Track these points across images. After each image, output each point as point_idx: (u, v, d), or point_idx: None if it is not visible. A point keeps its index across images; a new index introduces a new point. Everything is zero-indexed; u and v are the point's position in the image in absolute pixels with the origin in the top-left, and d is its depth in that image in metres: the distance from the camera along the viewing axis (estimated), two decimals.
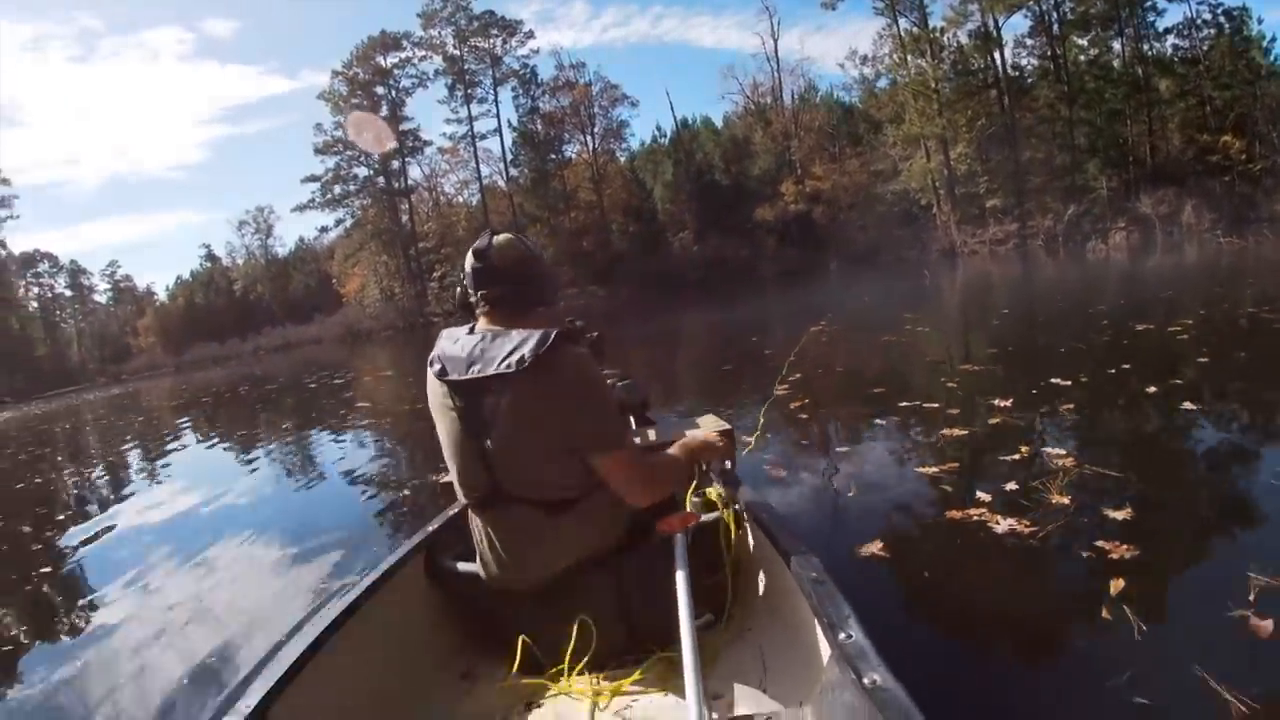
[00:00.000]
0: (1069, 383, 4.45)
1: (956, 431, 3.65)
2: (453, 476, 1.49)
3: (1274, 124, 31.80)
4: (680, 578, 1.35)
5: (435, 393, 1.44)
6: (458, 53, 38.11)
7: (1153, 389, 4.10)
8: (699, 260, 32.91)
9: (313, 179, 40.15)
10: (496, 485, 1.39)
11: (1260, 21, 33.16)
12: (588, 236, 35.04)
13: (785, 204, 32.97)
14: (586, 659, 1.39)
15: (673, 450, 1.65)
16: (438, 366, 1.41)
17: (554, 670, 1.41)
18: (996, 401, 4.12)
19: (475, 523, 1.50)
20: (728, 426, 2.06)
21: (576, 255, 34.15)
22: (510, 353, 1.31)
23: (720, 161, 36.72)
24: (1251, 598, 1.79)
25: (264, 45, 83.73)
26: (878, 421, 4.17)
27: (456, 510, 1.80)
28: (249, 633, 2.47)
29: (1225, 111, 32.42)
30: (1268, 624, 1.66)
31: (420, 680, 1.54)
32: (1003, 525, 2.42)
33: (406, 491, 4.13)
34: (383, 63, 39.59)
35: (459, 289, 1.52)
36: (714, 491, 1.75)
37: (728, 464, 2.02)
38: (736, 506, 1.71)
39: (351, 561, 3.04)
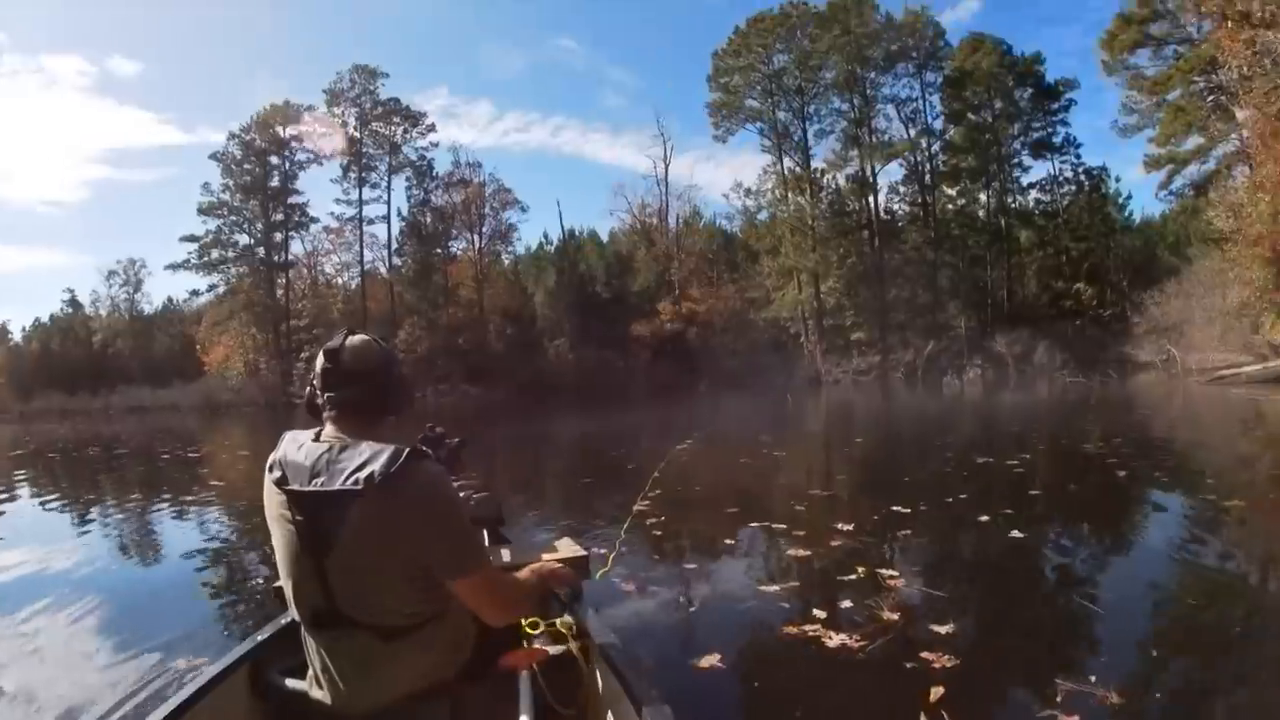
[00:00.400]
0: (909, 510, 4.79)
1: (800, 552, 3.89)
2: (286, 591, 1.36)
3: (1125, 274, 35.00)
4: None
5: (273, 500, 1.33)
6: (357, 135, 37.91)
7: (984, 518, 4.50)
8: (574, 368, 32.91)
9: (191, 239, 38.60)
10: (332, 606, 1.28)
11: (1118, 180, 36.97)
12: (465, 334, 34.60)
13: (662, 322, 33.74)
14: None
15: (525, 574, 1.56)
16: (278, 473, 1.30)
17: None
18: (840, 525, 4.39)
19: (307, 642, 1.38)
20: (584, 553, 1.98)
21: (452, 351, 33.56)
22: (359, 467, 1.23)
23: (603, 274, 37.43)
24: (1059, 699, 2.06)
25: (165, 92, 79.35)
26: (728, 541, 4.32)
27: (288, 620, 1.64)
28: None
29: (1080, 261, 35.51)
30: None
31: None
32: (835, 640, 2.60)
33: (249, 584, 3.88)
34: (281, 133, 38.98)
35: (309, 388, 1.40)
36: (563, 623, 1.65)
37: (577, 593, 1.93)
38: (586, 640, 1.64)
39: (175, 656, 2.74)
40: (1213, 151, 29.09)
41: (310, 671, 1.40)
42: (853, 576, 3.39)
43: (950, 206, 36.81)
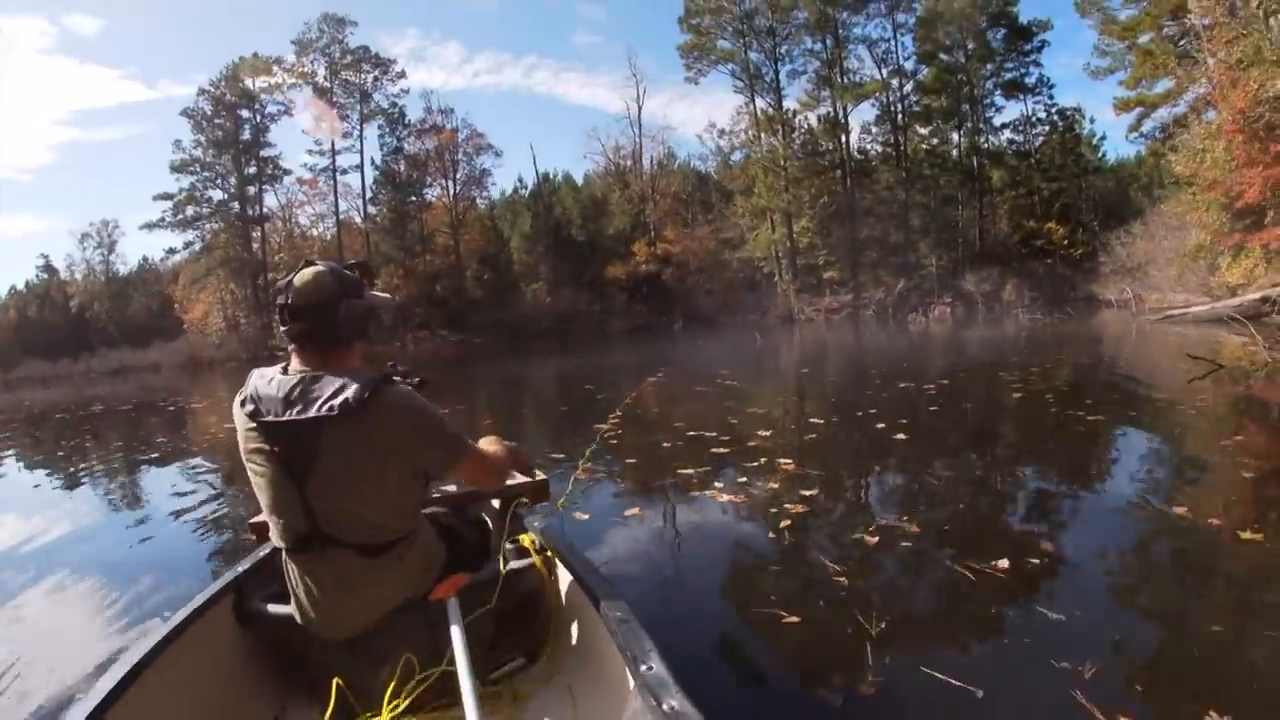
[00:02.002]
0: (821, 421, 5.93)
1: (720, 450, 4.80)
2: (268, 519, 1.42)
3: (1096, 214, 35.49)
4: (456, 638, 1.36)
5: (247, 434, 1.37)
6: (328, 85, 37.53)
7: (881, 425, 5.37)
8: (551, 311, 33.25)
9: (165, 197, 38.20)
10: (314, 527, 1.35)
11: (1093, 121, 36.97)
12: (442, 280, 34.80)
13: (637, 263, 33.95)
14: (402, 702, 1.36)
15: (499, 449, 1.70)
16: (250, 407, 1.35)
17: (368, 714, 1.37)
18: (760, 432, 5.40)
19: (290, 566, 1.44)
20: (543, 478, 2.11)
21: (430, 298, 33.79)
22: (331, 395, 1.29)
23: (578, 218, 37.54)
24: (872, 528, 2.94)
25: (126, 48, 77.65)
26: (665, 445, 5.19)
27: (268, 551, 1.74)
28: (43, 679, 2.25)
29: (1052, 201, 35.86)
30: (874, 539, 2.81)
31: None
32: (724, 498, 3.62)
33: (244, 528, 3.99)
34: (251, 86, 38.54)
35: None
36: (527, 538, 1.77)
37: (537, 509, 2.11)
38: (547, 552, 1.75)
39: (169, 601, 2.82)
40: (1183, 96, 29.28)
41: (293, 597, 1.46)
42: (754, 464, 4.33)
43: (923, 146, 36.91)
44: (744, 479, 3.95)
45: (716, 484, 3.86)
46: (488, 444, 1.69)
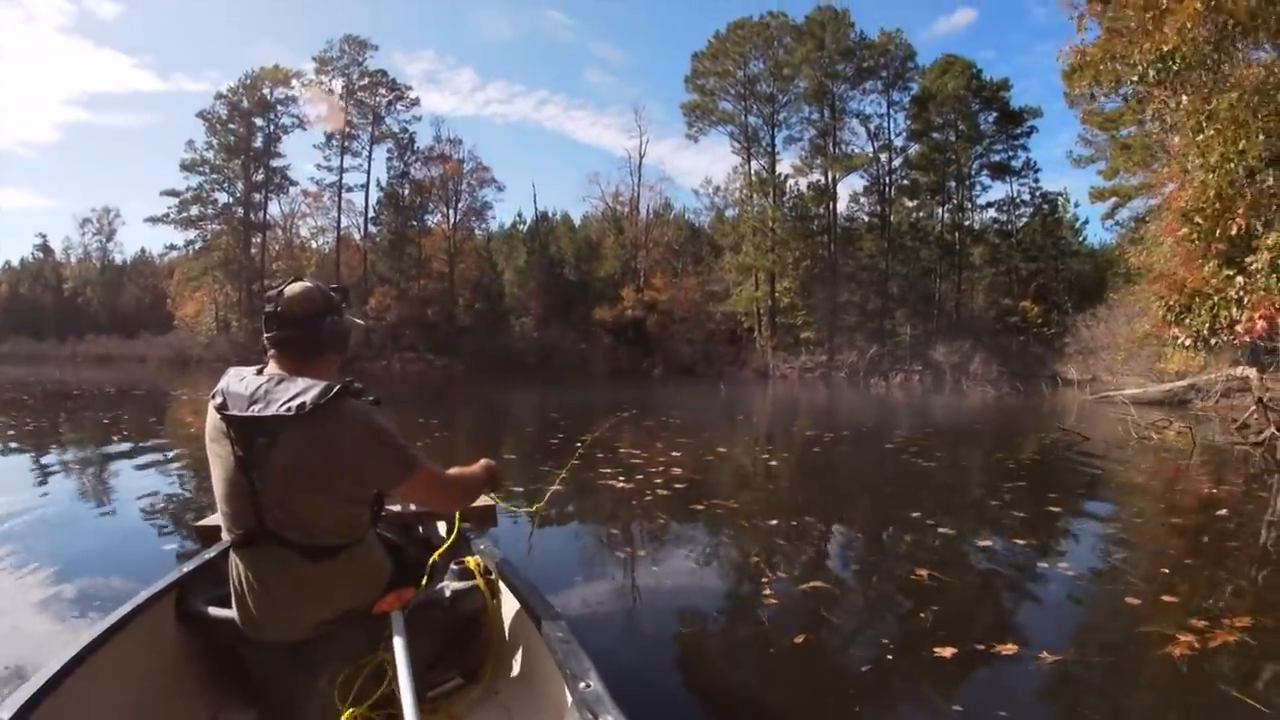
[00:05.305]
0: (725, 450, 7.94)
1: (636, 461, 6.33)
2: (220, 511, 1.46)
3: (1071, 296, 37.01)
4: (399, 653, 1.36)
5: (213, 426, 1.43)
6: (342, 103, 38.75)
7: (765, 455, 7.61)
8: (537, 346, 34.19)
9: (172, 194, 39.08)
10: (261, 524, 1.38)
11: (1076, 205, 38.26)
12: (434, 306, 35.72)
13: (624, 308, 34.91)
14: (340, 713, 1.36)
15: (459, 470, 1.73)
16: (219, 400, 1.41)
17: None
18: (672, 453, 6.91)
19: (235, 565, 1.46)
20: (491, 503, 2.21)
21: (421, 322, 34.72)
22: (293, 397, 1.33)
23: (572, 258, 38.79)
24: (704, 504, 4.69)
25: (143, 36, 77.91)
26: (599, 455, 6.39)
27: (214, 554, 1.79)
28: None
29: (1029, 280, 37.21)
30: (702, 506, 4.61)
31: None
32: (627, 485, 5.18)
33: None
34: (268, 95, 39.68)
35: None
36: (473, 561, 1.79)
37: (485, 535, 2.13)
38: (491, 575, 1.77)
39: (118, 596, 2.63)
40: (1154, 191, 30.74)
41: (235, 598, 1.48)
42: (655, 469, 5.88)
43: (908, 219, 38.38)
44: (640, 476, 5.52)
45: (621, 477, 5.39)
46: (458, 469, 1.73)
